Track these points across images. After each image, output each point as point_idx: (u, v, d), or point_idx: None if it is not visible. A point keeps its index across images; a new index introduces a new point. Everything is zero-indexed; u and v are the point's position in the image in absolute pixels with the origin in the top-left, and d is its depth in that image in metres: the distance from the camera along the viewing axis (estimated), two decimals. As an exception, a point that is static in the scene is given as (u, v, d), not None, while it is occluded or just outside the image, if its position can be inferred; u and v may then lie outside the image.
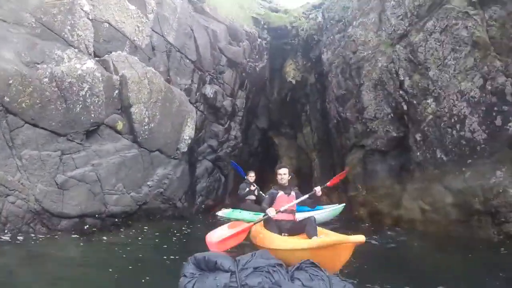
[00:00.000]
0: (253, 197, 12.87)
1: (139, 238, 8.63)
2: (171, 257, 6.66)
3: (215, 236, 6.71)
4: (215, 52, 14.59)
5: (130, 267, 5.99)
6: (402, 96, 11.74)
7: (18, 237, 7.39)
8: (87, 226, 8.86)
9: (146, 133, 10.41)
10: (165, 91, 11.07)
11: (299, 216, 7.63)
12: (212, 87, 14.25)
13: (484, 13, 9.25)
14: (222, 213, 13.00)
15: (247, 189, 12.88)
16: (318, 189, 7.61)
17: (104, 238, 8.29)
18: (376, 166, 12.50)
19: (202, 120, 13.81)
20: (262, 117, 19.16)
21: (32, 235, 7.77)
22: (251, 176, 13.40)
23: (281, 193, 7.47)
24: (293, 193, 7.59)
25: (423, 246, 9.19)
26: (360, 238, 4.42)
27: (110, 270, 5.64)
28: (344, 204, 12.16)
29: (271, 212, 7.00)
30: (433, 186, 10.48)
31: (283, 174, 7.63)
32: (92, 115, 9.21)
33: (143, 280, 4.79)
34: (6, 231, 7.50)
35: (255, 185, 13.22)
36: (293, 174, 18.12)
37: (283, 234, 6.90)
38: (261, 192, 12.88)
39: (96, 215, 9.11)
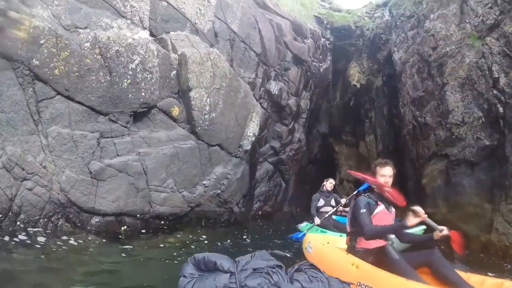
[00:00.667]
0: (329, 209, 9.47)
1: (192, 247, 6.52)
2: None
3: None
4: (280, 46, 12.30)
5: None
6: (496, 96, 9.14)
7: (38, 239, 5.22)
8: (125, 227, 6.66)
9: (206, 124, 8.12)
10: (230, 78, 8.76)
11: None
12: (277, 84, 11.95)
13: None
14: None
15: (320, 200, 9.84)
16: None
17: (146, 244, 6.21)
18: (462, 180, 9.74)
19: (265, 119, 11.50)
20: (323, 122, 16.69)
21: (50, 231, 5.68)
22: (331, 184, 10.12)
23: (381, 206, 4.18)
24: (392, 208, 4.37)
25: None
26: None
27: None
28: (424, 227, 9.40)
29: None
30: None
31: (388, 176, 4.27)
32: (143, 94, 7.00)
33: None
34: (18, 223, 5.37)
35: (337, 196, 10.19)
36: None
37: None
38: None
39: (138, 215, 6.88)
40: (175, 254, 5.96)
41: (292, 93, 12.69)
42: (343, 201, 9.22)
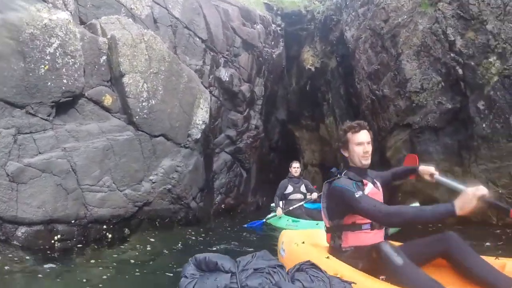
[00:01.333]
0: (299, 196, 8.70)
1: (144, 256, 5.46)
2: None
3: None
4: (228, 32, 11.27)
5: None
6: (454, 59, 8.66)
7: None
8: (58, 237, 5.47)
9: (145, 112, 7.00)
10: (169, 62, 7.64)
11: None
12: (227, 70, 10.93)
13: None
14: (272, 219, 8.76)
15: (288, 186, 8.90)
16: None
17: (86, 258, 5.12)
18: (428, 147, 9.13)
19: (217, 107, 10.46)
20: (281, 109, 15.76)
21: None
22: (295, 168, 9.25)
23: (370, 185, 3.37)
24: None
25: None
26: None
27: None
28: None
29: None
30: (509, 163, 7.66)
31: (366, 143, 3.41)
32: (65, 81, 5.84)
33: None
34: None
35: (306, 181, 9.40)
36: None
37: None
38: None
39: (73, 221, 5.69)
40: (128, 264, 4.86)
41: (244, 79, 11.69)
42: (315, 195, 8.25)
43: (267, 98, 13.62)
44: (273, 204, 9.17)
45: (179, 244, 6.44)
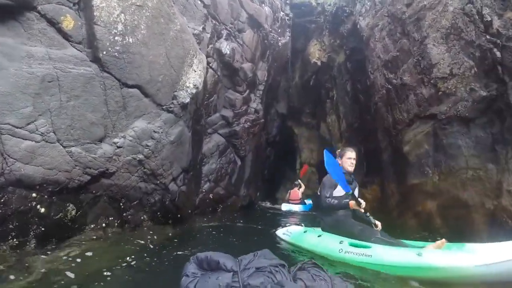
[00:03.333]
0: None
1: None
2: None
3: None
4: (233, 3, 9.15)
5: None
6: (491, 41, 6.60)
7: None
8: None
9: (117, 49, 4.75)
10: None
11: None
12: (229, 44, 8.78)
13: None
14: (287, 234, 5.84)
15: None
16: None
17: None
18: (457, 140, 6.98)
19: (214, 82, 8.28)
20: (282, 103, 13.61)
21: None
22: (350, 160, 5.38)
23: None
24: None
25: None
26: None
27: None
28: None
29: None
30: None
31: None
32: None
33: None
34: None
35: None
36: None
37: None
38: None
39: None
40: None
41: (247, 58, 9.54)
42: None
43: (269, 86, 11.48)
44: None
45: (135, 255, 4.15)
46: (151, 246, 4.56)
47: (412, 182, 7.74)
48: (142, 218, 5.73)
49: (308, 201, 12.24)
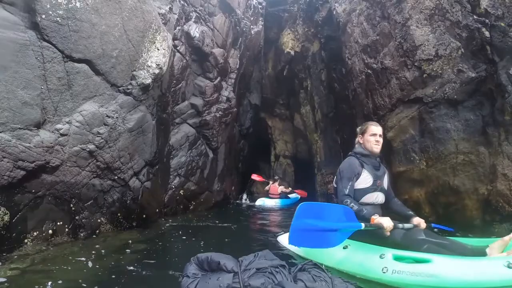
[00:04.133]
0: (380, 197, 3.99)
1: None
2: None
3: None
4: (202, -16, 8.15)
5: None
6: (479, 21, 6.12)
7: None
8: None
9: (61, 14, 3.68)
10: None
11: None
12: (198, 27, 7.77)
13: None
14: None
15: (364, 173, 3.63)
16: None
17: None
18: (445, 124, 6.33)
19: (182, 67, 7.26)
20: (255, 93, 12.68)
21: None
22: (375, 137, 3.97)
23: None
24: None
25: None
26: None
27: None
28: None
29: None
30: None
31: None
32: None
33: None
34: None
35: None
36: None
37: None
38: None
39: None
40: None
41: (218, 43, 8.55)
42: None
43: (241, 76, 10.54)
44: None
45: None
46: (112, 256, 3.53)
47: (397, 170, 7.01)
48: (99, 221, 4.68)
49: (293, 195, 11.40)
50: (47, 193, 3.84)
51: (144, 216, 5.61)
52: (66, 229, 4.15)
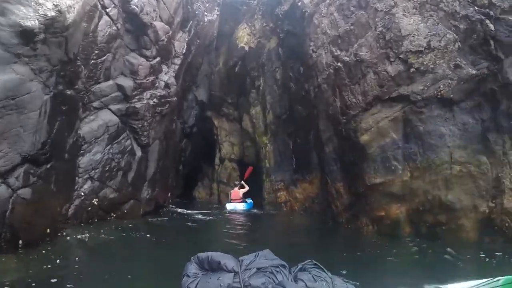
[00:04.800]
0: None
1: None
2: None
3: None
4: None
5: None
6: (481, 12, 4.91)
7: None
8: None
9: None
10: None
11: None
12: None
13: None
14: None
15: None
16: None
17: None
18: (438, 127, 4.75)
19: (110, 36, 4.99)
20: (202, 89, 10.49)
21: None
22: None
23: None
24: None
25: None
26: None
27: None
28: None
29: None
30: None
31: None
32: None
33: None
34: None
35: None
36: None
37: None
38: None
39: None
40: None
41: (162, 17, 6.28)
42: None
43: (188, 65, 8.30)
44: None
45: None
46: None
47: (371, 181, 5.25)
48: None
49: (249, 200, 9.43)
50: None
51: (20, 241, 3.30)
52: None
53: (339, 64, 6.20)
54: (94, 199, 5.07)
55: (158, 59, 6.18)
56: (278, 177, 9.56)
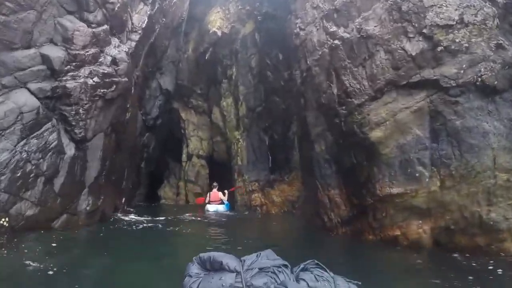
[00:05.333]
0: None
1: None
2: None
3: None
4: None
5: None
6: None
7: None
8: None
9: None
10: None
11: None
12: None
13: None
14: None
15: None
16: None
17: None
18: (480, 123, 3.10)
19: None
20: (168, 76, 8.66)
21: None
22: None
23: None
24: None
25: None
26: None
27: None
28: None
29: None
30: None
31: None
32: None
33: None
34: None
35: None
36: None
37: None
38: None
39: None
40: None
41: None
42: None
43: (150, 46, 6.44)
44: None
45: None
46: None
47: (386, 192, 3.76)
48: None
49: (226, 202, 8.13)
50: None
51: None
52: None
53: (336, 41, 4.71)
54: (2, 219, 3.24)
55: (105, 27, 4.36)
56: (252, 176, 8.01)
